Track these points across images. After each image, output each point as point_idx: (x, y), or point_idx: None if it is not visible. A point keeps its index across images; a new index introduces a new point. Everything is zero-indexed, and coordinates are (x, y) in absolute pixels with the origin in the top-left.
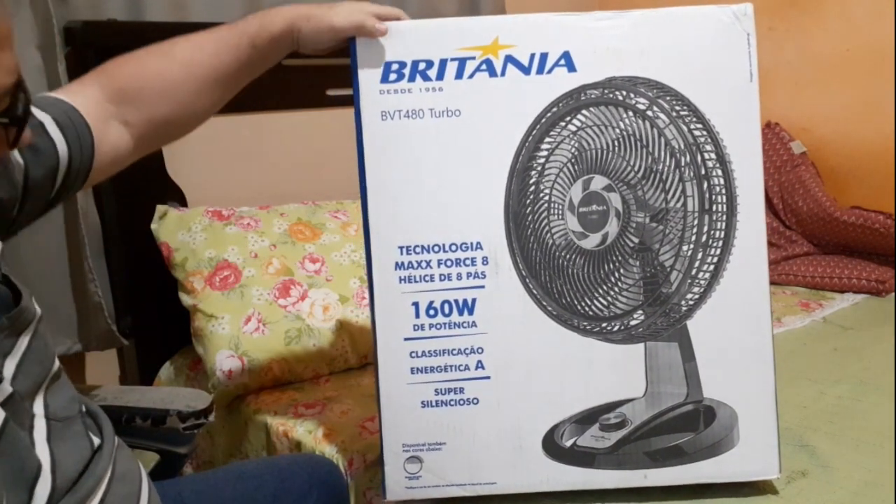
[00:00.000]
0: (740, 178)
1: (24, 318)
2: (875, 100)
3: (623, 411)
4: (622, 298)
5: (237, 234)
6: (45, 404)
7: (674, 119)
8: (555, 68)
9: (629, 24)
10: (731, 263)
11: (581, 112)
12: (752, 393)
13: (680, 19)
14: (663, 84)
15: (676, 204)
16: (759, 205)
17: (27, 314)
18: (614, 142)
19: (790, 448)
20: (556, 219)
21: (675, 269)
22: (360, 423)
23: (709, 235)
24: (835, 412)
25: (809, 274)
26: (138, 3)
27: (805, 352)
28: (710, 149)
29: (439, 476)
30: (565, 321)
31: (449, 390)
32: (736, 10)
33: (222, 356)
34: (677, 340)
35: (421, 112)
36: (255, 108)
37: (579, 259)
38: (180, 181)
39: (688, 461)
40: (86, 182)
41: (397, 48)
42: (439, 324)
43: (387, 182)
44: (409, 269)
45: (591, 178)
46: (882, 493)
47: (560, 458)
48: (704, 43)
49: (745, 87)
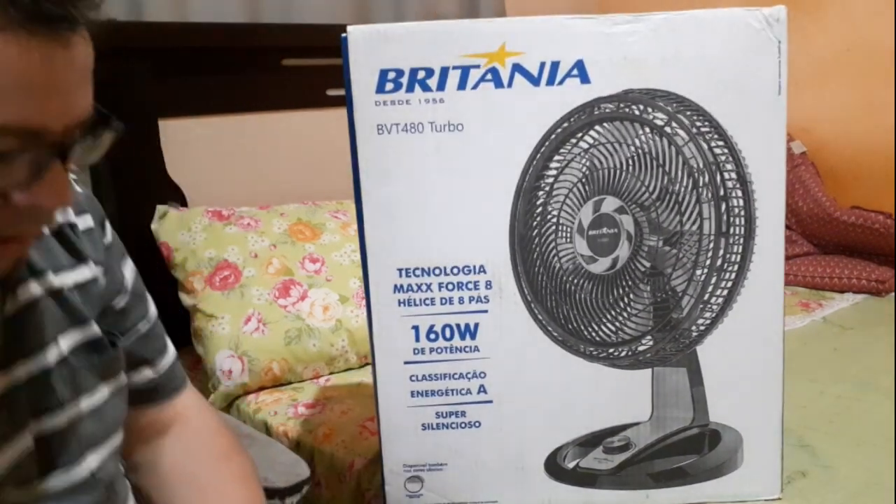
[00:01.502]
0: (761, 200)
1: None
2: (875, 100)
3: (627, 434)
4: (631, 324)
5: (237, 234)
6: None
7: (693, 136)
8: (566, 79)
9: (649, 30)
10: (745, 288)
11: (594, 128)
12: (759, 416)
13: (705, 24)
14: (684, 97)
15: (692, 227)
16: (778, 227)
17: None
18: (629, 160)
19: (790, 448)
20: (564, 242)
21: (688, 294)
22: (361, 423)
23: (724, 259)
24: (835, 412)
25: (809, 274)
26: (138, 3)
27: (805, 352)
28: (730, 168)
29: (441, 494)
30: (571, 347)
31: (450, 413)
32: (768, 15)
33: (222, 356)
34: (686, 366)
35: (420, 126)
36: (255, 108)
37: (587, 284)
38: (180, 181)
39: (691, 482)
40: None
41: (394, 53)
42: (440, 348)
43: (384, 201)
44: (409, 292)
45: (603, 200)
46: (882, 493)
47: (562, 478)
48: (731, 51)
49: (773, 101)
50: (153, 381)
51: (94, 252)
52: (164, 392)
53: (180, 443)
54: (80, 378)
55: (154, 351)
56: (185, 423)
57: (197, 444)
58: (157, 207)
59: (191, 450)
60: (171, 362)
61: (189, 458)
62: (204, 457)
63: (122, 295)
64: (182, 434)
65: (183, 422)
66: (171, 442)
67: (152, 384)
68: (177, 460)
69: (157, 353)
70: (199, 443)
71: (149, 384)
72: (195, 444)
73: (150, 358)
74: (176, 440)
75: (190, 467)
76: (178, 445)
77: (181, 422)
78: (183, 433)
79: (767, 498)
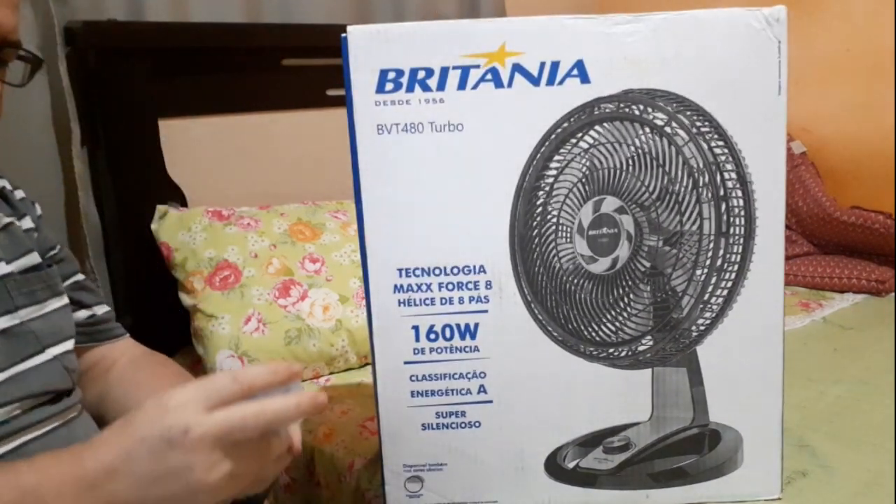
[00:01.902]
0: (761, 200)
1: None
2: (875, 100)
3: (627, 435)
4: (631, 324)
5: (237, 234)
6: None
7: (693, 136)
8: (566, 79)
9: (649, 30)
10: (745, 288)
11: (594, 128)
12: (760, 416)
13: (705, 24)
14: (684, 97)
15: (692, 227)
16: (778, 227)
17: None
18: (629, 160)
19: (790, 448)
20: (564, 242)
21: (688, 294)
22: (361, 423)
23: (724, 259)
24: (835, 412)
25: (809, 274)
26: (138, 3)
27: (805, 352)
28: (730, 168)
29: (441, 494)
30: (571, 347)
31: (450, 413)
32: (768, 15)
33: (222, 356)
34: (686, 365)
35: (420, 126)
36: (255, 108)
37: (587, 284)
38: (180, 181)
39: (691, 482)
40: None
41: (394, 53)
42: (440, 348)
43: (384, 201)
44: (409, 292)
45: (603, 200)
46: (882, 493)
47: (562, 478)
48: (731, 51)
49: (773, 101)
50: (92, 321)
51: (31, 214)
52: (106, 333)
53: (123, 366)
54: (30, 288)
55: (91, 300)
56: (128, 357)
57: (138, 361)
58: (157, 207)
59: (133, 366)
60: (109, 312)
61: (132, 371)
62: (145, 366)
63: (53, 250)
64: (125, 362)
65: (126, 357)
66: (116, 369)
67: (92, 322)
68: (122, 375)
69: (94, 303)
70: (141, 362)
71: (89, 322)
72: (137, 362)
73: (88, 304)
74: (120, 367)
75: (133, 375)
76: (122, 368)
77: (125, 357)
78: (125, 361)
79: (767, 498)
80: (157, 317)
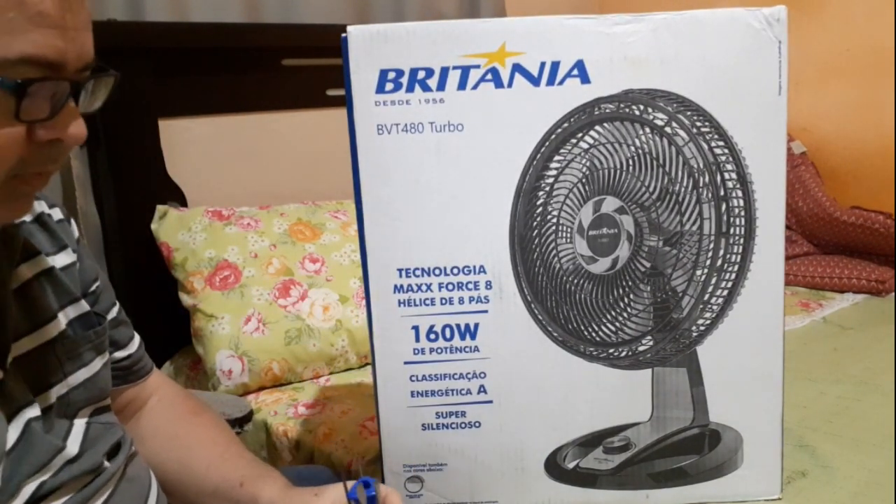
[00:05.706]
0: (761, 200)
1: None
2: (875, 100)
3: (627, 435)
4: (631, 324)
5: (237, 234)
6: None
7: (694, 136)
8: (567, 79)
9: (649, 30)
10: (745, 288)
11: (594, 128)
12: (759, 416)
13: (705, 24)
14: (684, 97)
15: (692, 227)
16: (778, 227)
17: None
18: (629, 161)
19: (790, 448)
20: (565, 242)
21: (688, 295)
22: (361, 423)
23: (724, 259)
24: (835, 412)
25: (809, 274)
26: (138, 3)
27: (805, 352)
28: (730, 168)
29: (441, 494)
30: (571, 347)
31: (450, 413)
32: (768, 15)
33: (222, 356)
34: (686, 366)
35: (420, 126)
36: (255, 108)
37: (587, 284)
38: (180, 181)
39: (691, 482)
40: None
41: (394, 53)
42: (440, 348)
43: (384, 201)
44: (409, 293)
45: (603, 200)
46: (882, 493)
47: (562, 478)
48: (731, 51)
49: (773, 101)
50: (127, 362)
51: (70, 241)
52: (139, 373)
53: (157, 412)
54: (78, 350)
55: (125, 337)
56: (158, 396)
57: (171, 409)
58: (157, 207)
59: (167, 415)
60: (140, 347)
61: (167, 421)
62: (178, 416)
63: (95, 282)
64: (157, 406)
65: (156, 396)
66: (149, 414)
67: (126, 364)
68: (158, 425)
69: (128, 339)
70: (172, 408)
71: (123, 364)
72: (170, 409)
73: (122, 342)
74: (153, 411)
75: (170, 429)
76: (156, 414)
77: (155, 396)
78: (158, 405)
79: (767, 498)
80: (157, 317)
